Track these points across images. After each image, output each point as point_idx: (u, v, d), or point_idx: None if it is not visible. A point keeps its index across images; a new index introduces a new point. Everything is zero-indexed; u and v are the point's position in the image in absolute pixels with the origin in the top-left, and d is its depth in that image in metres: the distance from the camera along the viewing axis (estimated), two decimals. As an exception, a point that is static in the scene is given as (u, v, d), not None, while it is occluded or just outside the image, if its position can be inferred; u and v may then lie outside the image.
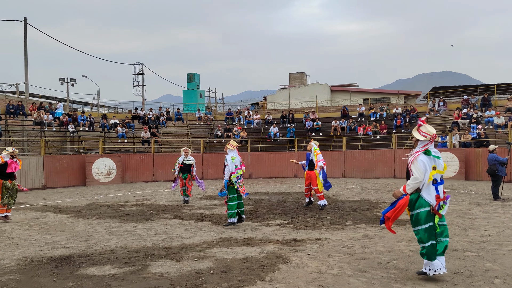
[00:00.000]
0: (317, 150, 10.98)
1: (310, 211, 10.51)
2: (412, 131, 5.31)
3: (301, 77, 42.04)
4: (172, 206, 12.00)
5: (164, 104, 31.62)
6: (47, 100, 32.14)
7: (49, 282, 5.24)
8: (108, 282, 5.18)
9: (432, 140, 5.08)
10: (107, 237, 7.92)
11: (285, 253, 6.46)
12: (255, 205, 11.84)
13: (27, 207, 12.32)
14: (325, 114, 28.16)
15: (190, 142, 24.86)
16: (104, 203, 12.83)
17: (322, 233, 7.93)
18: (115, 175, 19.86)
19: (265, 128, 26.33)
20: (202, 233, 8.15)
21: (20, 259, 6.41)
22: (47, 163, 18.28)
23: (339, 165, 21.29)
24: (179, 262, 6.03)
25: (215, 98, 54.71)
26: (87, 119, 23.93)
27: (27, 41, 26.29)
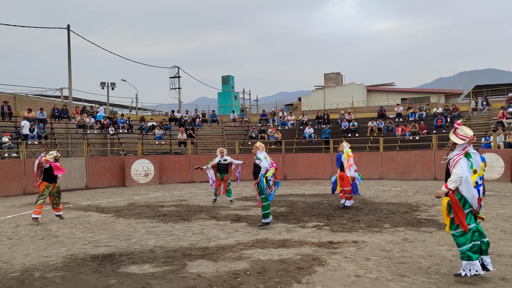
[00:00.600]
0: (349, 152, 11.04)
1: (346, 213, 10.36)
2: (449, 135, 5.26)
3: (336, 77, 41.53)
4: (208, 207, 12.15)
5: (200, 106, 32.13)
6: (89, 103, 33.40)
7: (92, 280, 5.44)
8: (148, 281, 5.31)
9: (470, 142, 5.07)
10: (146, 236, 8.13)
11: (322, 255, 6.39)
12: (290, 206, 11.80)
13: (71, 207, 12.84)
14: (361, 115, 27.68)
15: (225, 143, 25.11)
16: (143, 204, 13.18)
17: (359, 235, 7.79)
18: (153, 176, 20.35)
19: (300, 129, 26.19)
20: (238, 234, 8.20)
21: (65, 256, 6.69)
22: (89, 164, 18.99)
23: (376, 167, 20.84)
24: (216, 263, 6.10)
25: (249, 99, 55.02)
26: (126, 121, 24.67)
27: (70, 48, 27.44)
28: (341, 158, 11.22)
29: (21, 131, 19.14)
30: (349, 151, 11.10)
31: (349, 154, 11.00)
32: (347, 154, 11.01)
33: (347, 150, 11.08)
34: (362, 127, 25.17)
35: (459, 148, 5.11)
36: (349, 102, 31.04)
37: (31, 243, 7.75)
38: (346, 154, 11.01)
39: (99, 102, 36.96)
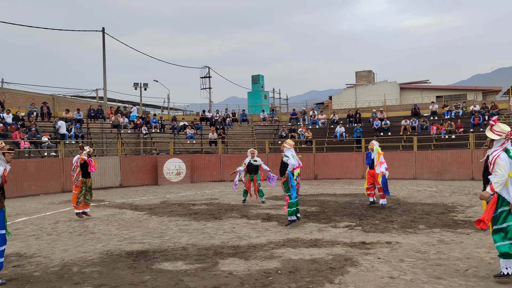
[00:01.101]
0: (379, 150, 11.06)
1: (379, 214, 10.17)
2: (486, 132, 5.23)
3: (368, 75, 40.82)
4: (239, 205, 12.22)
5: (230, 106, 32.33)
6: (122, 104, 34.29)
7: (128, 275, 5.58)
8: (181, 277, 5.40)
9: (508, 137, 5.05)
10: (179, 234, 8.26)
11: (354, 256, 6.30)
12: (321, 206, 11.70)
13: (106, 204, 13.22)
14: (394, 113, 27.09)
15: (255, 142, 25.18)
16: (175, 202, 13.40)
17: (392, 236, 7.63)
18: (184, 175, 20.67)
19: (331, 128, 25.92)
20: (269, 233, 8.20)
21: (101, 252, 6.89)
22: (123, 163, 19.50)
23: (409, 166, 20.35)
24: (247, 261, 6.12)
25: (279, 99, 54.91)
26: (159, 121, 25.16)
27: (105, 50, 28.24)
28: (370, 156, 11.27)
29: (59, 131, 19.86)
30: (379, 148, 11.11)
31: (379, 151, 11.01)
32: (377, 151, 11.02)
33: (377, 147, 11.11)
34: (394, 126, 24.63)
35: (497, 144, 5.08)
36: (381, 100, 30.44)
37: (69, 239, 8.04)
38: (377, 152, 11.01)
39: (132, 103, 37.88)
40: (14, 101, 22.84)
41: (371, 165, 11.24)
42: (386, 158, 20.63)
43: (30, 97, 23.98)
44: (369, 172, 11.29)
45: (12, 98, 22.93)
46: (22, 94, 24.02)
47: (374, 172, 11.11)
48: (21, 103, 23.11)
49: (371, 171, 11.21)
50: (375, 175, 11.10)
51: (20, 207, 12.90)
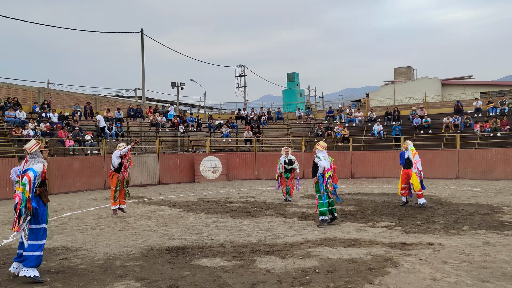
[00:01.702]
0: (414, 149, 11.04)
1: (420, 214, 9.88)
2: None
3: (407, 71, 39.69)
4: (275, 204, 12.22)
5: (265, 104, 32.37)
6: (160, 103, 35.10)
7: (168, 270, 5.71)
8: (219, 274, 5.47)
9: None
10: (216, 231, 8.36)
11: (394, 256, 6.16)
12: (358, 205, 11.50)
13: (145, 201, 13.59)
14: (435, 110, 26.19)
15: (291, 141, 25.08)
16: (212, 199, 13.58)
17: (434, 237, 7.39)
18: (220, 173, 20.90)
19: (368, 126, 25.40)
20: (306, 231, 8.16)
21: (142, 247, 7.09)
22: (161, 161, 19.96)
23: (452, 165, 19.63)
24: (284, 259, 6.11)
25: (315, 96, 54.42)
26: (195, 120, 25.56)
27: (143, 51, 28.98)
28: (404, 155, 11.16)
29: (98, 124, 20.73)
30: (413, 148, 11.04)
31: (414, 151, 10.97)
32: (412, 150, 10.96)
33: (411, 147, 11.02)
34: (436, 123, 23.81)
35: None
36: (421, 97, 29.53)
37: (112, 234, 8.32)
38: (412, 151, 10.94)
39: (169, 102, 38.70)
40: (59, 101, 23.90)
41: (405, 165, 11.10)
42: (427, 157, 20.12)
43: (74, 97, 25.01)
44: (404, 172, 11.12)
45: (57, 99, 24.00)
46: (67, 95, 25.10)
47: (409, 172, 10.95)
48: (66, 103, 24.15)
49: (406, 170, 11.06)
50: (410, 174, 10.92)
51: (65, 202, 13.48)
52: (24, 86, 23.16)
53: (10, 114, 18.64)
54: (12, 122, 18.30)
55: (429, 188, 15.54)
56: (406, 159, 11.09)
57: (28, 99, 22.15)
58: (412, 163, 10.92)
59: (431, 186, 16.28)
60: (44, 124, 18.65)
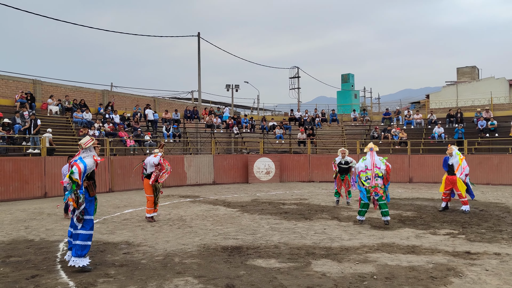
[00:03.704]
0: (460, 154, 10.95)
1: (485, 222, 9.30)
2: None
3: (471, 71, 37.56)
4: (329, 207, 12.06)
5: (319, 105, 32.03)
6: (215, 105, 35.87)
7: (224, 269, 5.83)
8: (274, 275, 5.50)
9: None
10: (270, 232, 8.41)
11: (457, 266, 5.85)
12: (418, 211, 11.05)
13: (201, 200, 13.95)
14: (502, 113, 24.54)
15: (345, 143, 24.61)
16: (265, 200, 13.66)
17: (502, 247, 6.93)
18: (273, 174, 20.97)
19: (428, 128, 24.32)
20: (362, 236, 7.98)
21: (199, 245, 7.29)
22: (216, 161, 20.40)
23: (521, 171, 18.29)
24: (340, 264, 6.02)
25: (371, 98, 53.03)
26: (249, 121, 25.86)
27: (200, 53, 29.78)
28: (448, 160, 10.98)
29: (147, 117, 22.40)
30: (459, 153, 10.96)
31: (460, 156, 10.86)
32: (458, 155, 10.85)
33: (457, 152, 10.95)
34: (503, 126, 22.30)
35: None
36: (487, 98, 27.80)
37: (170, 231, 8.63)
38: (459, 157, 10.80)
39: (224, 103, 39.42)
40: (121, 103, 25.19)
41: (449, 171, 10.91)
42: (492, 161, 18.96)
43: (135, 99, 26.23)
44: (448, 178, 10.89)
45: (119, 100, 25.30)
46: (128, 97, 26.38)
47: (454, 178, 10.75)
48: (127, 104, 25.40)
49: (450, 177, 10.84)
50: (454, 181, 10.72)
51: (127, 199, 14.16)
52: (91, 89, 24.66)
53: (78, 115, 19.93)
54: (79, 122, 19.55)
55: (495, 195, 14.62)
56: (450, 165, 10.88)
57: (93, 101, 23.55)
58: (454, 169, 10.75)
59: (497, 193, 15.29)
60: (108, 125, 19.73)
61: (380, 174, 9.01)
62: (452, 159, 10.87)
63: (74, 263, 5.75)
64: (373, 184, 9.05)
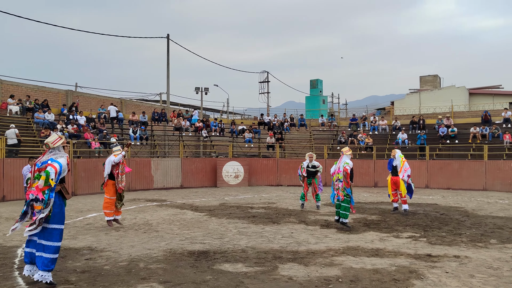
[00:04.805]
0: (403, 157, 11.54)
1: (445, 226, 9.64)
2: None
3: (433, 80, 38.97)
4: (297, 211, 12.16)
5: (288, 110, 32.33)
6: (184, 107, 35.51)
7: (190, 274, 5.75)
8: (241, 279, 5.47)
9: None
10: (238, 236, 8.38)
11: (419, 268, 6.03)
12: (382, 215, 11.32)
13: (168, 204, 13.74)
14: (462, 120, 25.60)
15: (313, 148, 24.93)
16: (233, 204, 13.62)
17: (461, 250, 7.20)
18: (242, 178, 20.95)
19: (392, 134, 25.03)
20: (328, 239, 8.08)
21: (165, 250, 7.17)
22: (184, 165, 20.17)
23: (479, 177, 19.11)
24: (307, 267, 6.07)
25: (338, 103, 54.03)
26: (218, 125, 25.75)
27: (169, 55, 29.45)
28: (392, 162, 11.64)
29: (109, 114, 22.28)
30: (402, 156, 11.57)
31: (403, 158, 11.48)
32: (401, 158, 11.44)
33: (400, 155, 11.54)
34: (462, 133, 23.26)
35: None
36: (448, 106, 28.91)
37: (135, 236, 8.44)
38: (401, 159, 11.41)
39: (193, 106, 39.09)
40: (86, 104, 24.48)
41: (393, 172, 11.57)
42: (453, 167, 19.69)
43: (101, 100, 25.57)
44: (392, 179, 11.56)
45: (84, 101, 24.58)
46: (94, 98, 25.69)
47: (397, 179, 11.39)
48: (93, 106, 24.72)
49: (394, 177, 11.50)
50: (397, 182, 11.37)
51: (90, 203, 13.76)
52: (54, 89, 23.85)
53: (39, 115, 19.22)
54: (41, 123, 18.87)
55: (455, 199, 15.19)
56: (394, 167, 11.55)
57: (57, 101, 22.78)
58: (397, 171, 11.37)
59: (457, 198, 15.90)
60: (72, 126, 19.14)
61: (341, 177, 9.20)
62: (395, 161, 11.50)
63: (42, 279, 5.19)
64: (336, 187, 9.26)
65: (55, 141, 5.58)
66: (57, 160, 5.41)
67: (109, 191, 9.33)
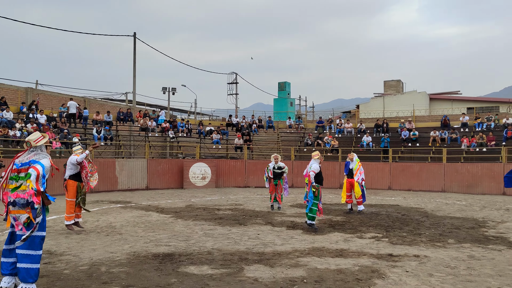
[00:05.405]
0: (359, 160, 12.09)
1: (406, 226, 9.95)
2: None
3: (396, 84, 40.21)
4: (264, 212, 12.21)
5: (256, 112, 32.44)
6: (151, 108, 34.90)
7: (154, 277, 5.65)
8: (206, 282, 5.43)
9: None
10: (204, 238, 8.32)
11: (381, 268, 6.19)
12: (346, 216, 11.56)
13: (133, 206, 13.46)
14: (423, 124, 26.54)
15: (281, 149, 25.13)
16: (200, 206, 13.51)
17: (421, 250, 7.46)
18: (209, 180, 20.82)
19: (358, 137, 25.62)
20: (294, 241, 8.16)
21: (128, 253, 7.01)
22: (150, 166, 19.83)
23: (438, 179, 19.86)
24: (273, 268, 6.10)
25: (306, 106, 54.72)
26: (186, 125, 25.49)
27: (136, 54, 28.89)
28: (349, 165, 12.13)
29: (68, 111, 21.55)
30: (358, 159, 12.09)
31: (359, 162, 12.00)
32: (357, 161, 11.95)
33: (357, 158, 12.06)
34: (423, 137, 24.12)
35: None
36: (410, 110, 29.90)
37: (98, 239, 8.21)
38: (357, 162, 11.92)
39: (160, 107, 38.50)
40: (47, 102, 23.61)
41: (348, 174, 12.03)
42: (413, 169, 20.37)
43: (63, 98, 24.73)
44: (348, 181, 12.01)
45: (45, 99, 23.70)
46: (55, 96, 24.81)
47: (352, 181, 11.88)
48: (54, 104, 23.87)
49: (349, 180, 11.96)
50: (353, 184, 11.86)
51: (51, 205, 13.23)
52: (12, 86, 22.84)
53: (-3, 114, 18.36)
54: (-2, 122, 18.02)
55: (415, 201, 15.70)
56: (350, 170, 12.03)
57: (16, 99, 21.85)
58: (353, 174, 11.89)
59: (417, 199, 16.44)
60: (31, 125, 18.42)
61: (306, 180, 9.52)
62: (352, 164, 11.98)
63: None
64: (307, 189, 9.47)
65: (37, 139, 5.16)
66: (39, 161, 4.99)
67: (70, 192, 8.89)
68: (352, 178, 11.89)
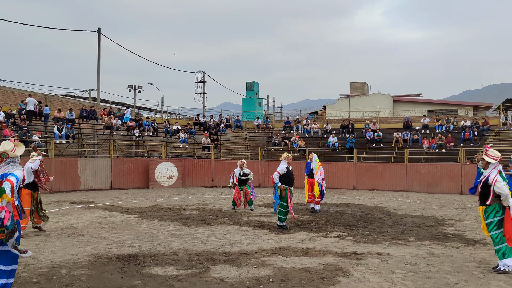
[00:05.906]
0: (319, 161, 12.34)
1: (370, 225, 10.20)
2: (483, 156, 6.31)
3: (362, 86, 41.16)
4: (230, 212, 12.18)
5: (224, 111, 32.34)
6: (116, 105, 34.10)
7: (117, 279, 5.52)
8: (171, 283, 5.36)
9: (499, 162, 6.21)
10: (170, 239, 8.20)
11: (345, 266, 6.31)
12: (312, 215, 11.71)
13: (96, 206, 13.10)
14: (386, 125, 27.30)
15: (249, 149, 25.17)
16: (166, 206, 13.32)
17: (383, 248, 7.66)
18: (176, 179, 20.56)
19: (324, 137, 26.02)
20: (260, 240, 8.19)
21: (90, 255, 6.82)
22: (114, 165, 19.35)
23: (400, 178, 20.48)
24: (239, 268, 6.10)
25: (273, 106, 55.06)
26: (152, 124, 25.05)
27: (100, 50, 28.12)
28: (310, 165, 12.38)
29: (26, 107, 20.61)
30: (318, 160, 12.36)
31: (319, 162, 12.25)
32: (317, 162, 12.18)
33: (316, 159, 12.30)
34: (387, 137, 24.81)
35: (491, 167, 6.17)
36: (374, 112, 30.68)
37: (58, 240, 7.94)
38: (317, 163, 12.14)
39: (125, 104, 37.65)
40: (5, 98, 22.62)
41: (309, 174, 12.25)
42: (378, 169, 20.89)
43: (22, 95, 23.74)
44: (308, 181, 12.24)
45: (3, 96, 22.70)
46: (14, 92, 23.79)
47: (313, 181, 12.12)
48: (13, 100, 22.88)
49: (310, 179, 12.19)
50: (313, 183, 12.09)
51: (8, 206, 12.69)
52: (-33, 81, 21.74)
53: (-50, 110, 17.40)
54: (-49, 118, 17.09)
55: (379, 200, 16.12)
56: (311, 170, 12.28)
57: (-29, 94, 20.79)
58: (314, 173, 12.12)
59: (381, 198, 16.88)
60: (-12, 122, 17.58)
61: None
62: (312, 164, 12.22)
63: None
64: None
65: (13, 149, 4.83)
66: (12, 173, 4.68)
67: (24, 201, 7.89)
68: (313, 178, 12.10)
